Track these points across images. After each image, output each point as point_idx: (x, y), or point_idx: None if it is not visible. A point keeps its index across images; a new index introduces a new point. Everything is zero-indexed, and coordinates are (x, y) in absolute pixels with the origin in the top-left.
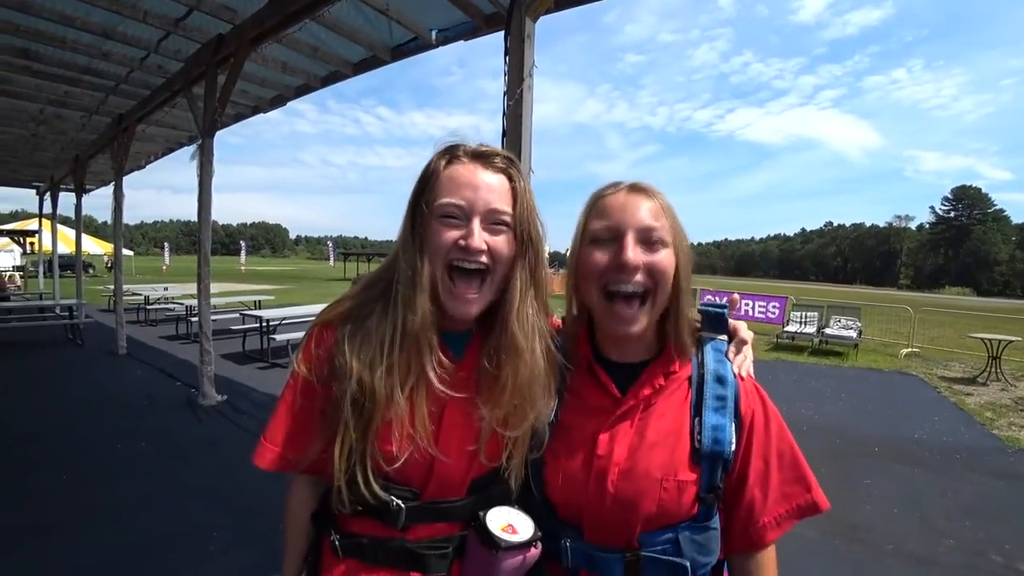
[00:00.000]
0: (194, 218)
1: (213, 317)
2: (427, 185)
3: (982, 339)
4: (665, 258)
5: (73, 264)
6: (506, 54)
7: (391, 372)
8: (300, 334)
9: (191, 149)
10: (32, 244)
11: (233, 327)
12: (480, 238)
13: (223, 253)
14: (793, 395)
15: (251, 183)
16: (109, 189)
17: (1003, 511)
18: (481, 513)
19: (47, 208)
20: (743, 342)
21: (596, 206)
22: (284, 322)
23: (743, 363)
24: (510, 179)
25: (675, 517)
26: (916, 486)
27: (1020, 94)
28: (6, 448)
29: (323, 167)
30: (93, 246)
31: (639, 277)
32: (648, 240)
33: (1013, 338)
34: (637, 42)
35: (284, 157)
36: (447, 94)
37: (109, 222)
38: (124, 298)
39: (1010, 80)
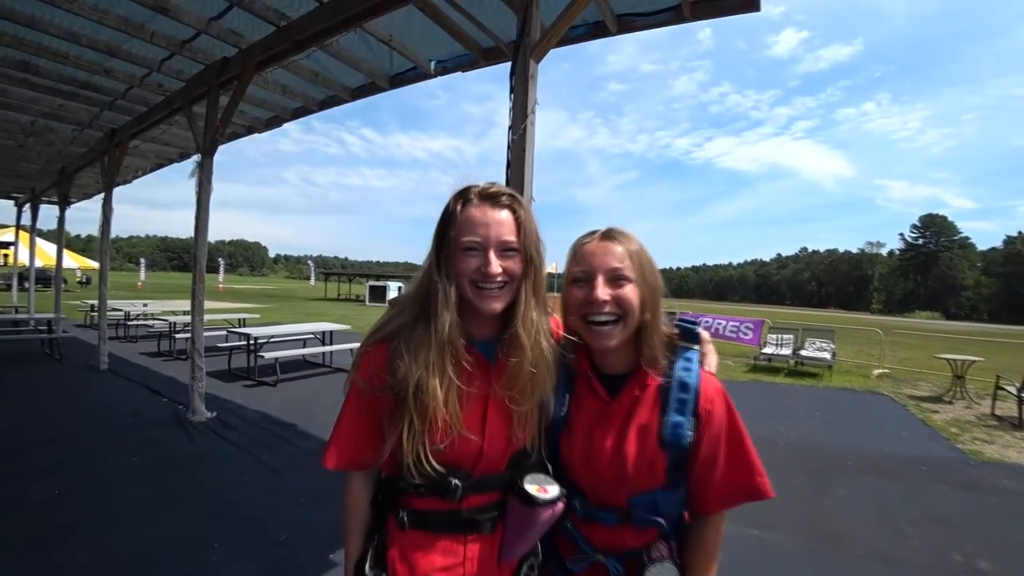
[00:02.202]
0: (172, 234)
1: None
2: (449, 224)
3: (948, 360)
4: (629, 292)
5: (41, 278)
6: (511, 92)
7: (435, 371)
8: (286, 352)
9: (184, 166)
10: (6, 256)
11: (218, 345)
12: (496, 265)
13: None
14: (770, 413)
15: (232, 200)
16: (88, 202)
17: (965, 517)
18: (519, 480)
19: (24, 220)
20: (707, 343)
21: (576, 253)
22: (271, 340)
23: (712, 361)
24: (514, 212)
25: (651, 485)
26: (887, 496)
27: (980, 128)
28: None
29: (305, 186)
30: (66, 260)
31: (608, 308)
32: (615, 278)
33: (976, 359)
34: (619, 71)
35: (266, 175)
36: (432, 117)
37: (84, 236)
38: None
39: (970, 115)
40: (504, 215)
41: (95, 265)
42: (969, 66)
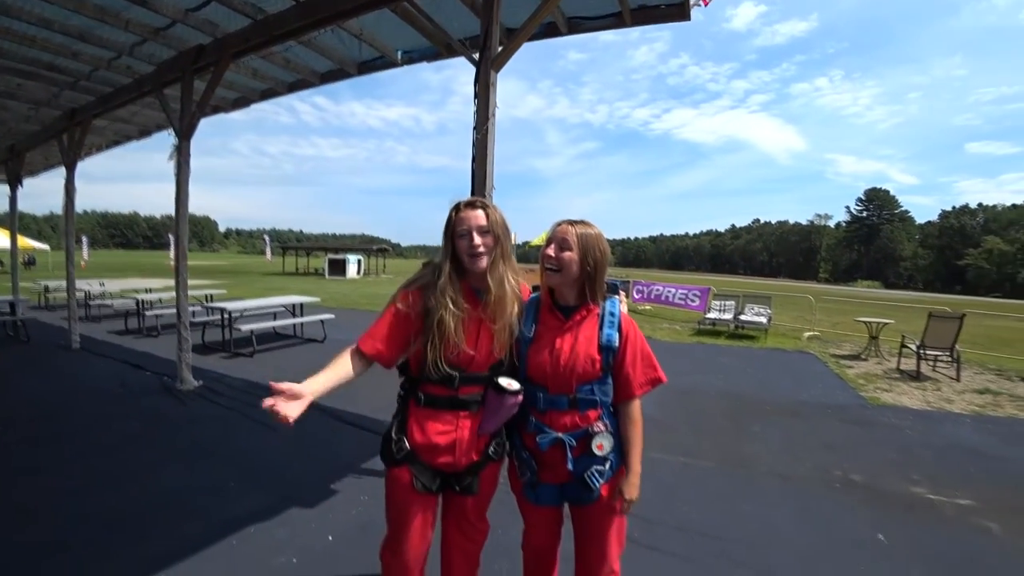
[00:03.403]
0: (112, 209)
1: (165, 311)
2: (450, 223)
3: (864, 322)
4: (567, 255)
5: None
6: (475, 97)
7: (448, 308)
8: (260, 324)
9: (145, 143)
10: None
11: (191, 320)
12: (478, 240)
13: (146, 247)
14: (707, 370)
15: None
16: (36, 179)
17: (852, 445)
18: (495, 377)
19: None
20: (621, 294)
21: (553, 230)
22: (245, 314)
23: (623, 306)
24: (485, 209)
25: (591, 378)
26: (793, 432)
27: (924, 107)
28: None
29: (255, 157)
30: (4, 240)
31: (552, 262)
32: (562, 246)
33: (888, 321)
34: (579, 40)
35: (213, 146)
36: (388, 85)
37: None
38: (59, 295)
39: (915, 94)
40: (479, 212)
41: (35, 244)
42: (915, 46)
